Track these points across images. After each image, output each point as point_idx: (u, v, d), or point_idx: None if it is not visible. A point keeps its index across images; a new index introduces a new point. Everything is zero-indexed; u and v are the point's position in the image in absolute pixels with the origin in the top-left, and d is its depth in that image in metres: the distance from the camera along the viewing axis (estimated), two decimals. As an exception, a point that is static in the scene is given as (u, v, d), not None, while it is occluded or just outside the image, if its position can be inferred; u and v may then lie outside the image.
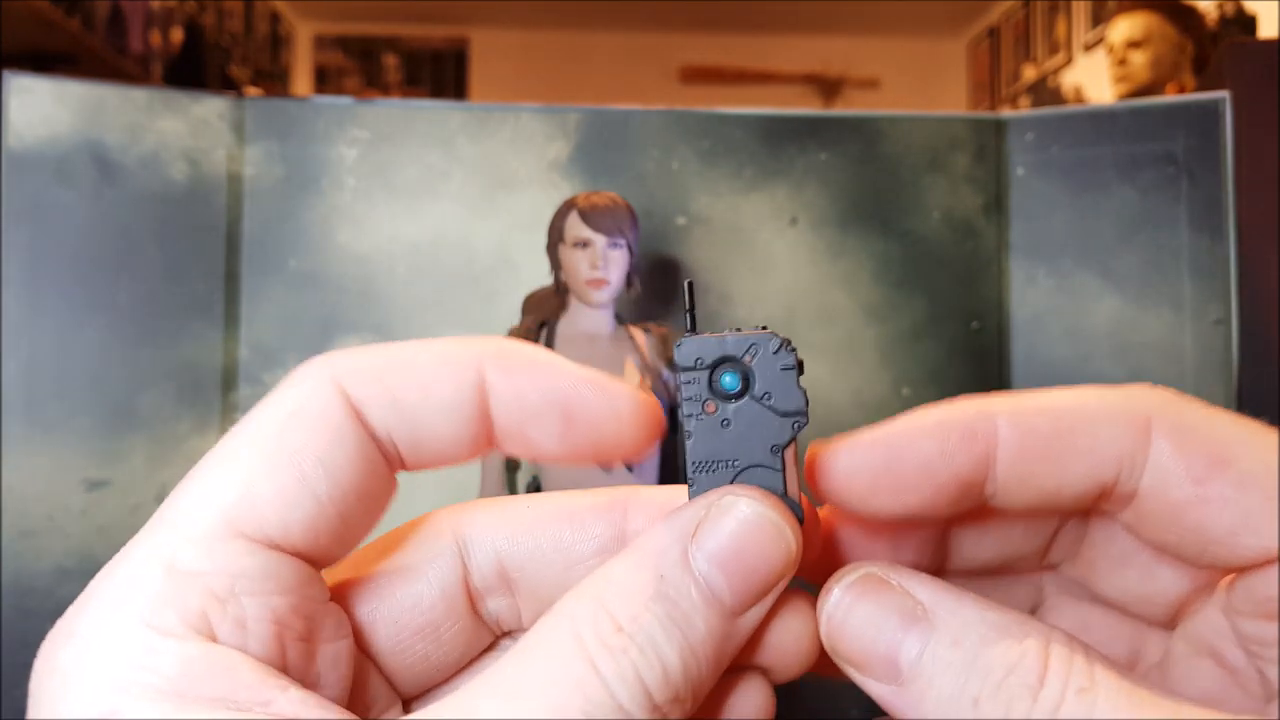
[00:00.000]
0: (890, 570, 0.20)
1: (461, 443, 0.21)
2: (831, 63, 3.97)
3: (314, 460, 0.19)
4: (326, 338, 0.84)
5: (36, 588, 0.78)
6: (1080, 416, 0.20)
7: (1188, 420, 0.20)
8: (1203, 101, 0.84)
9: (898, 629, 0.19)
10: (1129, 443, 0.20)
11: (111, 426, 0.80)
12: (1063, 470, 0.20)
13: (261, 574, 0.18)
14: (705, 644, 0.19)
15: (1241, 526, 0.19)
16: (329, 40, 4.07)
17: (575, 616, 0.18)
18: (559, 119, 0.87)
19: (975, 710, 0.18)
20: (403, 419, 0.20)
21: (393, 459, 0.21)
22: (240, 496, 0.19)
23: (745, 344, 0.22)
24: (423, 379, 0.21)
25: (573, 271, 0.75)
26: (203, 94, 0.84)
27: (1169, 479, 0.20)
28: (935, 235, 0.88)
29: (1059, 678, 0.18)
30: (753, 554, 0.20)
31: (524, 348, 0.22)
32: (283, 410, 0.20)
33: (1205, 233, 0.82)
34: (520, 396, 0.21)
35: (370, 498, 0.20)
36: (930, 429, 0.21)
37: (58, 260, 0.80)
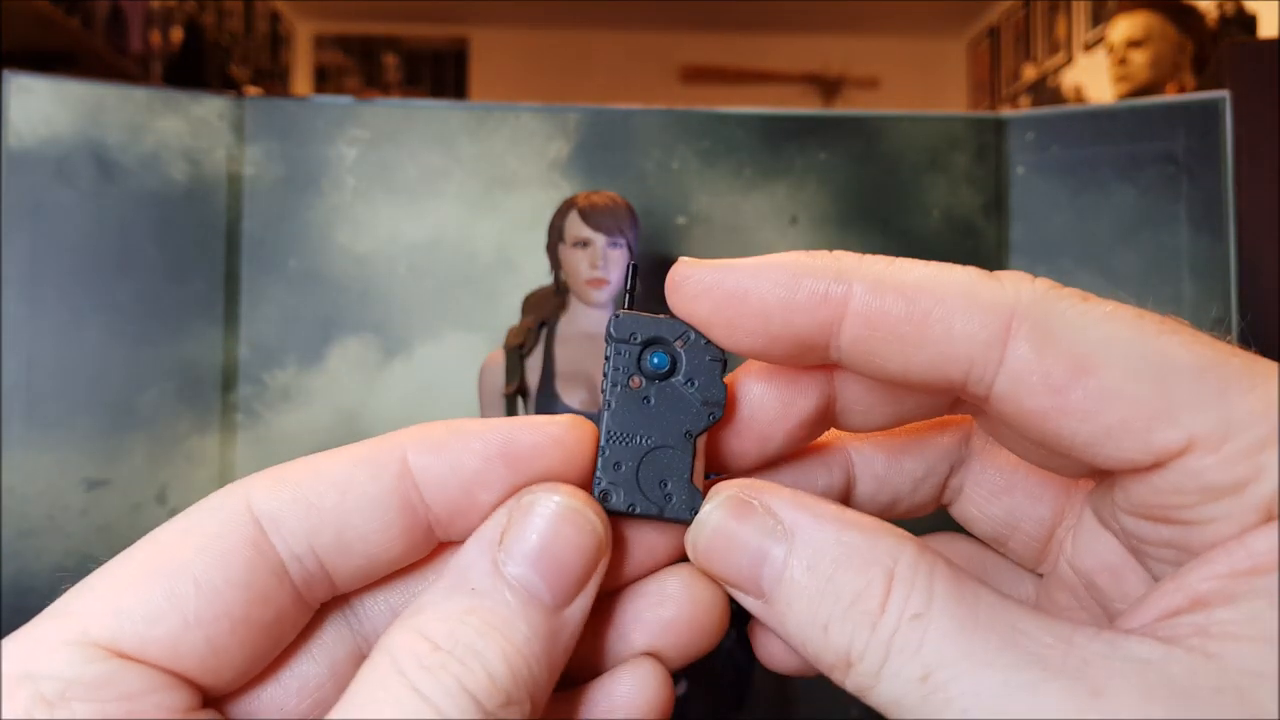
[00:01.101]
0: (755, 490, 0.20)
1: (392, 538, 0.20)
2: (831, 62, 3.97)
3: (188, 578, 0.19)
4: (326, 337, 0.84)
5: (36, 587, 0.78)
6: (937, 303, 0.19)
7: (1053, 319, 0.18)
8: (1203, 101, 0.84)
9: (758, 550, 0.19)
10: (982, 341, 0.19)
11: (111, 426, 0.80)
12: (907, 358, 0.19)
13: (98, 681, 0.18)
14: (531, 643, 0.18)
15: (1103, 439, 0.18)
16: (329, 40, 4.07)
17: (393, 648, 0.18)
18: (559, 119, 0.87)
19: (825, 636, 0.18)
20: (323, 524, 0.20)
21: (311, 580, 0.20)
22: (102, 605, 0.18)
23: (679, 329, 0.22)
24: (339, 478, 0.20)
25: (573, 271, 0.75)
26: (203, 94, 0.84)
27: (1025, 386, 0.18)
28: (935, 234, 0.88)
29: (897, 604, 0.18)
30: (563, 547, 0.19)
31: (443, 423, 0.21)
32: (179, 526, 0.20)
33: (1205, 232, 0.82)
34: (454, 466, 0.20)
35: (258, 624, 0.19)
36: (782, 277, 0.20)
37: (58, 260, 0.80)
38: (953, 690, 0.17)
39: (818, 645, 0.19)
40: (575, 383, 0.74)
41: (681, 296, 0.21)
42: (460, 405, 0.82)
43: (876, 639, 0.18)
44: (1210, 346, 0.18)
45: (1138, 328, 0.19)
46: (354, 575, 0.20)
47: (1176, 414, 0.17)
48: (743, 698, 0.78)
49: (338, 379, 0.83)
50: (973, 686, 0.17)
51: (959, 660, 0.17)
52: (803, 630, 0.19)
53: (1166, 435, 0.18)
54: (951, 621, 0.17)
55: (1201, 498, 0.18)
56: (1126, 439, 0.18)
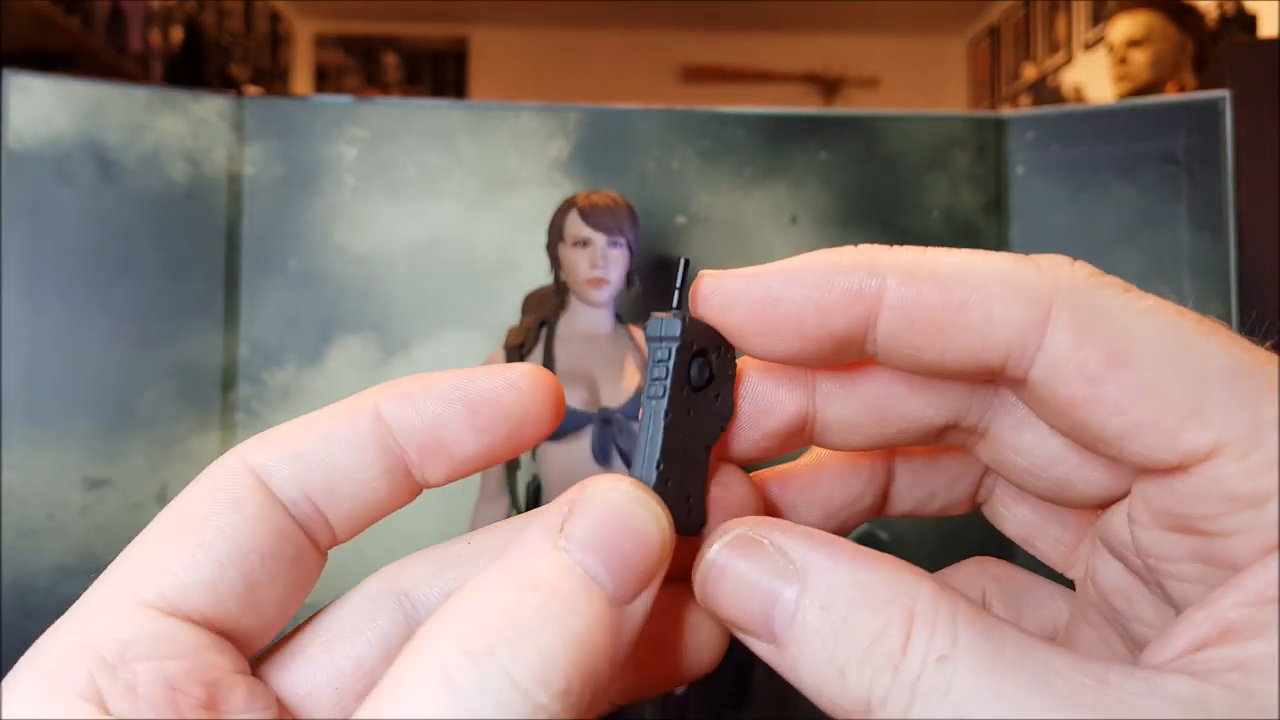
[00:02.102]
0: (764, 528, 0.19)
1: (375, 476, 0.21)
2: (831, 62, 3.97)
3: (213, 529, 0.19)
4: (326, 337, 0.84)
5: (36, 587, 0.78)
6: (975, 290, 0.19)
7: (1094, 307, 0.18)
8: (1203, 100, 0.84)
9: (769, 591, 0.19)
10: (1022, 328, 0.18)
11: (111, 425, 0.80)
12: (945, 347, 0.19)
13: (154, 639, 0.18)
14: (593, 631, 0.17)
15: (1132, 434, 0.18)
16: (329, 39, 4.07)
17: (438, 633, 0.17)
18: (559, 118, 0.87)
19: (843, 680, 0.18)
20: (311, 469, 0.21)
21: (311, 524, 0.21)
22: (144, 566, 0.19)
23: (719, 340, 0.21)
24: (320, 429, 0.21)
25: (573, 270, 0.75)
26: (203, 93, 0.84)
27: (1060, 372, 0.18)
28: (935, 234, 0.88)
29: (920, 647, 0.17)
30: (626, 537, 0.19)
31: (412, 376, 0.22)
32: (188, 492, 0.20)
33: (1205, 232, 0.82)
34: (420, 410, 0.21)
35: (280, 562, 0.20)
36: (814, 278, 0.20)
37: (58, 260, 0.80)
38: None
39: (835, 690, 0.18)
40: (575, 382, 0.74)
41: (711, 308, 0.21)
42: (460, 405, 0.82)
43: (900, 682, 0.17)
44: (1248, 351, 0.18)
45: (1178, 325, 0.18)
46: (346, 517, 0.21)
47: (1206, 416, 0.17)
48: (743, 697, 0.78)
49: (338, 379, 0.83)
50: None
51: (991, 703, 0.16)
52: (818, 674, 0.18)
53: (1194, 436, 0.17)
54: (980, 662, 0.17)
55: (1223, 507, 0.17)
56: (1155, 436, 0.18)
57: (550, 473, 0.76)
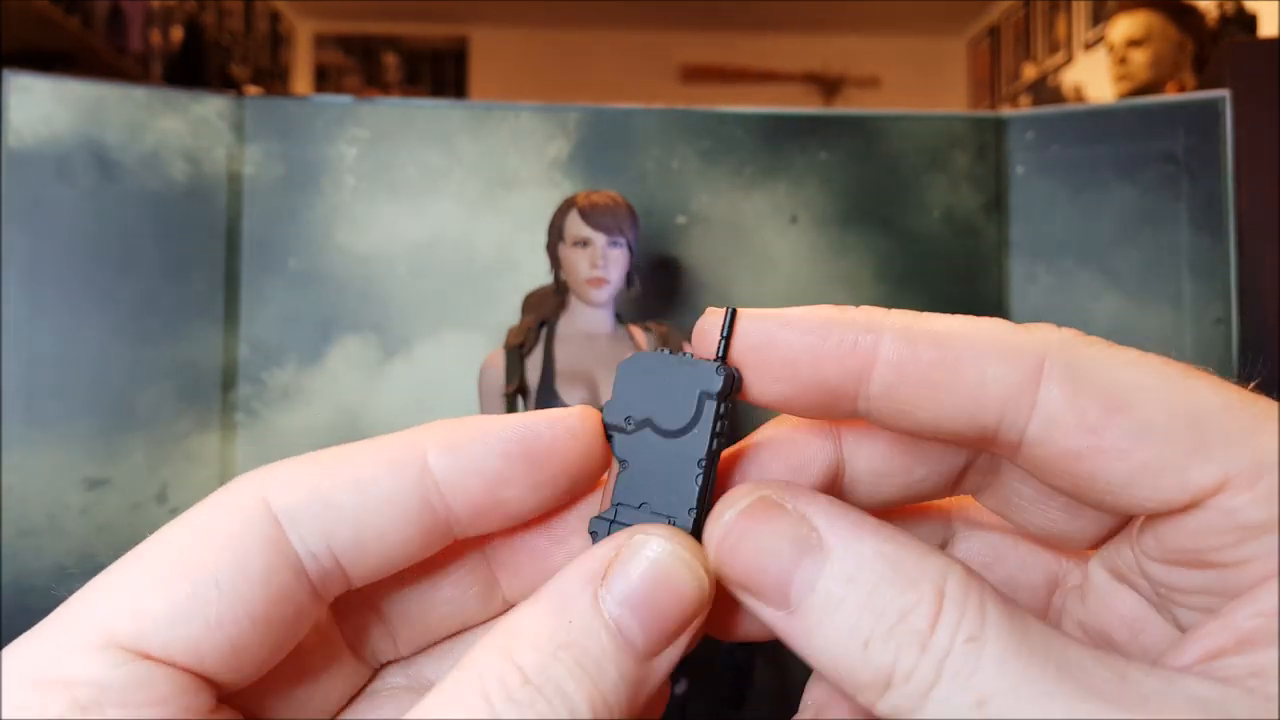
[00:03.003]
0: (786, 493, 0.19)
1: (409, 537, 0.20)
2: (831, 62, 3.97)
3: (209, 579, 0.18)
4: (326, 337, 0.84)
5: (36, 587, 0.78)
6: (968, 349, 0.19)
7: (1084, 363, 0.19)
8: (1203, 100, 0.84)
9: (790, 557, 0.19)
10: (1015, 384, 0.19)
11: (111, 425, 0.80)
12: (939, 405, 0.19)
13: (131, 685, 0.18)
14: (618, 689, 0.18)
15: (1139, 478, 0.18)
16: (329, 39, 4.07)
17: (482, 672, 0.18)
18: (559, 118, 0.87)
19: (865, 653, 0.18)
20: (339, 521, 0.19)
21: (327, 577, 0.20)
22: (124, 607, 0.18)
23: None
24: (357, 475, 0.20)
25: (573, 270, 0.75)
26: (203, 93, 0.84)
27: (1060, 427, 0.18)
28: (936, 234, 0.88)
29: (949, 626, 0.17)
30: (665, 595, 0.19)
31: (462, 421, 0.21)
32: (195, 524, 0.19)
33: (1205, 232, 0.82)
34: (476, 465, 0.20)
35: (277, 622, 0.19)
36: (812, 326, 0.20)
37: (58, 260, 0.80)
38: (1012, 717, 0.16)
39: (853, 662, 0.18)
40: (575, 381, 0.74)
41: (709, 343, 0.21)
42: (460, 404, 0.82)
43: (927, 660, 0.17)
44: (1235, 390, 0.18)
45: (1166, 371, 0.19)
46: (369, 572, 0.20)
47: (1210, 451, 0.18)
48: (743, 696, 0.78)
49: (338, 378, 0.83)
50: (1034, 715, 0.16)
51: (1018, 688, 0.17)
52: (836, 646, 0.18)
53: (1203, 472, 0.18)
54: (1007, 648, 0.17)
55: (1236, 537, 0.18)
56: (1163, 477, 0.18)
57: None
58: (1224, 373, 0.18)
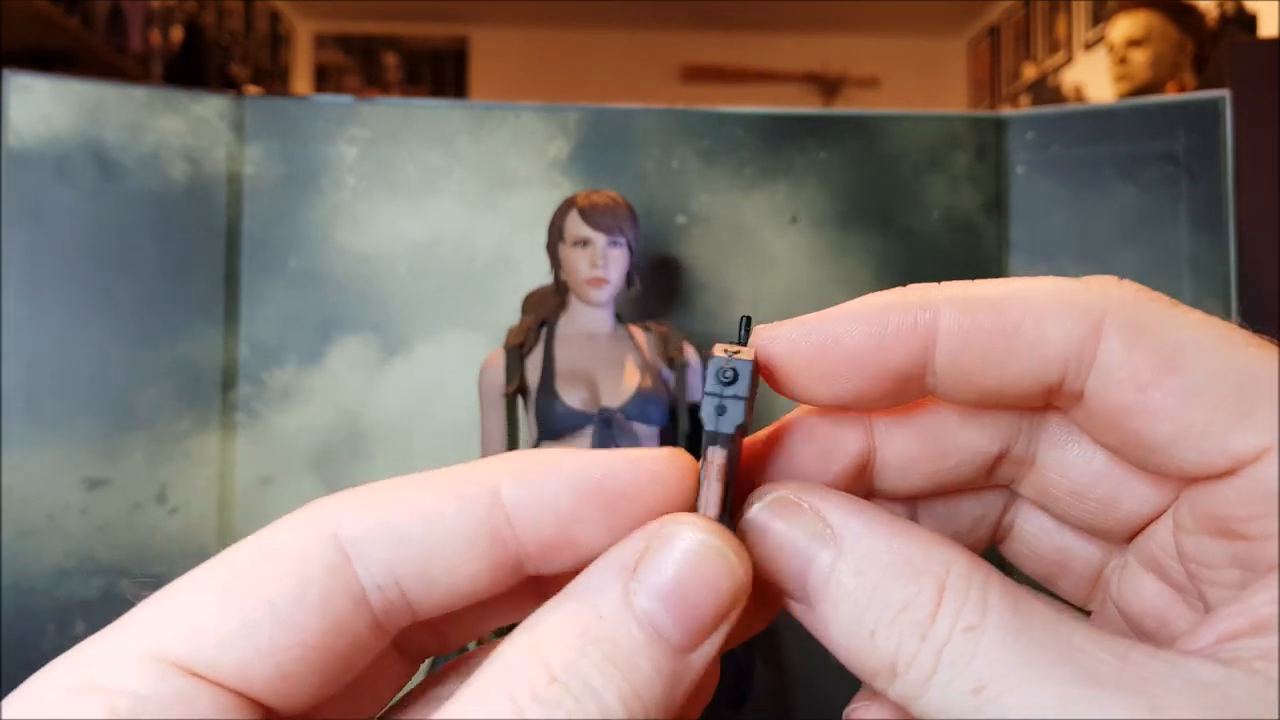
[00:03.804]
0: (804, 492, 0.20)
1: (479, 571, 0.19)
2: (831, 62, 3.97)
3: (265, 603, 0.18)
4: (326, 337, 0.84)
5: (36, 587, 0.78)
6: (1028, 311, 0.19)
7: (1144, 319, 0.19)
8: (1203, 100, 0.84)
9: (806, 552, 0.19)
10: (1078, 341, 0.19)
11: (111, 425, 0.80)
12: (1004, 369, 0.20)
13: (172, 699, 0.17)
14: (652, 685, 0.18)
15: (1182, 439, 0.18)
16: (329, 39, 4.07)
17: (509, 670, 0.17)
18: (559, 118, 0.87)
19: (872, 642, 0.18)
20: (407, 553, 0.19)
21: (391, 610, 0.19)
22: (176, 623, 0.18)
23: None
24: (428, 507, 0.19)
25: (573, 270, 0.75)
26: (203, 93, 0.84)
27: (1113, 381, 0.19)
28: (936, 234, 0.88)
29: (948, 616, 0.18)
30: (699, 587, 0.19)
31: (539, 455, 0.21)
32: (260, 546, 0.19)
33: (1205, 232, 0.82)
34: (550, 502, 0.20)
35: (332, 652, 0.19)
36: (870, 316, 0.20)
37: (58, 260, 0.80)
38: (1007, 702, 0.17)
39: (863, 650, 0.18)
40: (575, 382, 0.74)
41: (773, 360, 0.21)
42: (460, 404, 0.82)
43: (926, 648, 0.18)
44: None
45: (1225, 336, 0.19)
46: (436, 606, 0.20)
47: (1254, 419, 0.18)
48: (743, 697, 0.78)
49: (338, 378, 0.83)
50: (1027, 700, 0.17)
51: (1013, 673, 0.17)
52: (847, 635, 0.19)
53: (1244, 440, 0.18)
54: (1006, 634, 0.17)
55: (1269, 507, 0.18)
56: (1206, 441, 0.18)
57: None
58: None
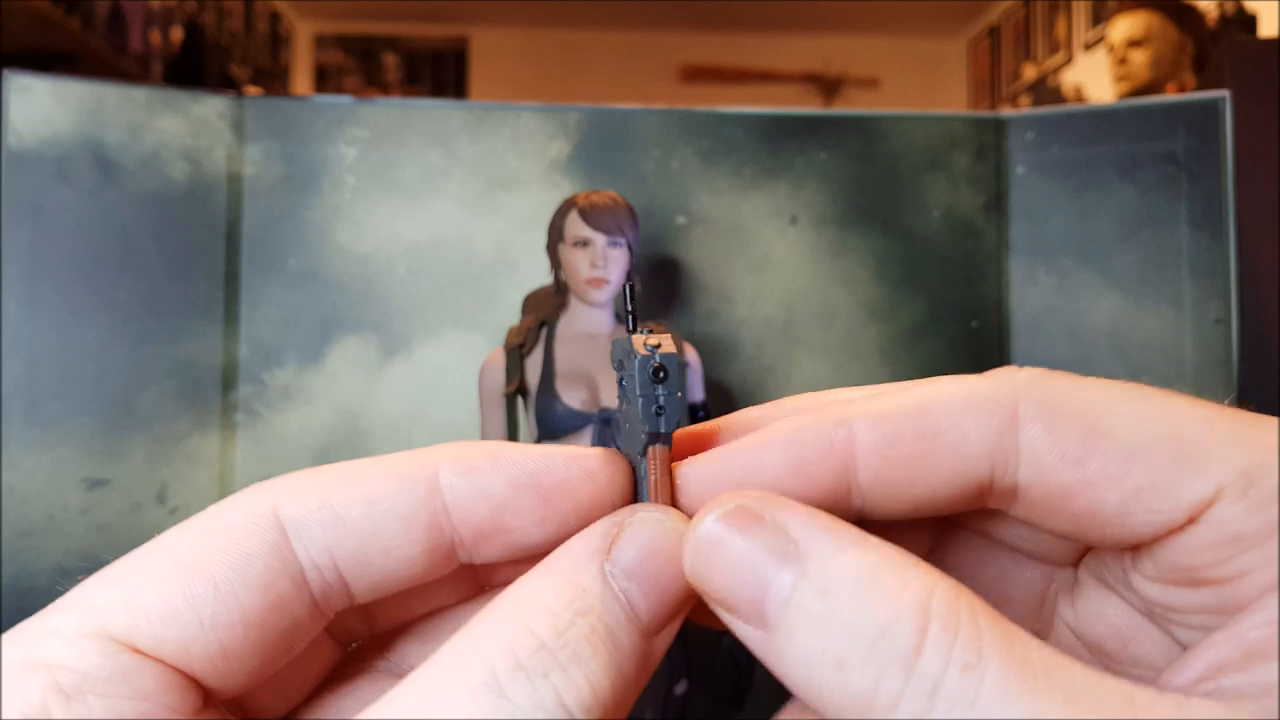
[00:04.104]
0: (767, 503, 0.18)
1: (415, 555, 0.20)
2: (831, 62, 3.97)
3: (207, 580, 0.18)
4: (326, 337, 0.84)
5: (36, 587, 0.78)
6: (942, 412, 0.19)
7: (1056, 397, 0.18)
8: (1203, 101, 0.84)
9: (765, 570, 0.17)
10: (996, 432, 0.18)
11: (112, 425, 0.80)
12: (930, 474, 0.19)
13: (115, 675, 0.17)
14: (631, 662, 0.18)
15: (1132, 504, 0.18)
16: (329, 39, 4.07)
17: (485, 639, 0.17)
18: (559, 118, 0.87)
19: (839, 674, 0.16)
20: (346, 534, 0.19)
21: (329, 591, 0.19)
22: (119, 600, 0.18)
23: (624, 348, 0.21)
24: (368, 490, 0.19)
25: (573, 270, 0.75)
26: (203, 93, 0.84)
27: (1045, 465, 0.18)
28: (935, 234, 0.88)
29: (939, 649, 0.16)
30: (667, 570, 0.19)
31: (478, 445, 0.21)
32: (202, 526, 0.19)
33: (1205, 232, 0.82)
34: (485, 489, 0.20)
35: (273, 631, 0.19)
36: (783, 442, 0.20)
37: (58, 260, 0.80)
38: None
39: (828, 684, 0.17)
40: (575, 382, 0.74)
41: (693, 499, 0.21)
42: (460, 404, 0.82)
43: (916, 686, 0.16)
44: (1212, 406, 0.18)
45: (1138, 394, 0.19)
46: (371, 589, 0.20)
47: (1198, 465, 0.17)
48: (743, 697, 0.78)
49: (338, 379, 0.83)
50: None
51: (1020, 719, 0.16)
52: (808, 665, 0.17)
53: (1194, 488, 0.17)
54: (1009, 676, 0.16)
55: (1232, 550, 0.17)
56: (1157, 498, 0.18)
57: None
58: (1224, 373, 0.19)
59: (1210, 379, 0.79)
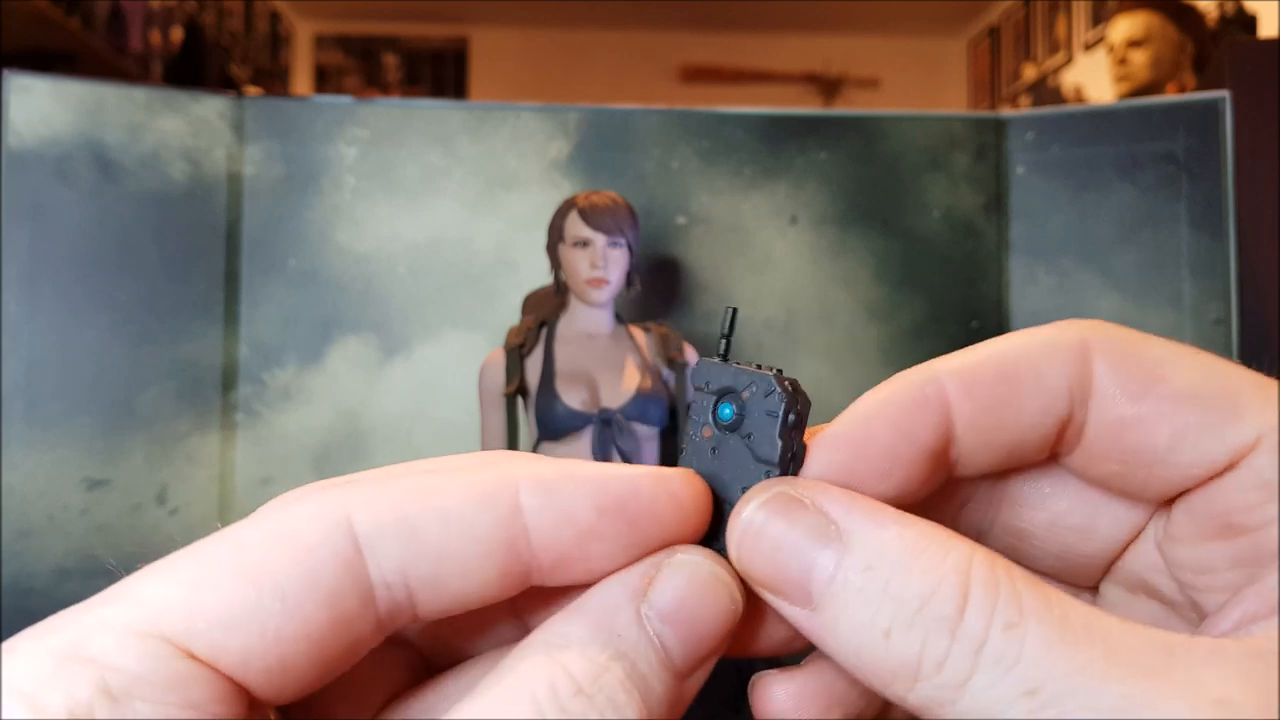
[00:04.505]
0: (805, 487, 0.19)
1: (490, 578, 0.19)
2: (831, 62, 3.97)
3: (275, 589, 0.17)
4: (326, 337, 0.84)
5: (36, 587, 0.78)
6: (1022, 355, 0.20)
7: (1122, 342, 0.20)
8: (1203, 101, 0.84)
9: (809, 550, 0.18)
10: (1074, 369, 0.20)
11: (112, 425, 0.80)
12: (1019, 413, 0.20)
13: (167, 682, 0.17)
14: (662, 707, 0.18)
15: (1179, 442, 0.19)
16: (329, 39, 4.07)
17: (531, 676, 0.17)
18: (559, 118, 0.87)
19: (886, 643, 0.17)
20: (422, 553, 0.18)
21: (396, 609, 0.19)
22: (178, 598, 0.17)
23: (747, 380, 0.21)
24: (446, 505, 0.19)
25: (573, 270, 0.75)
26: (203, 93, 0.84)
27: (1109, 400, 0.19)
28: (935, 234, 0.88)
29: (982, 610, 0.17)
30: (703, 613, 0.19)
31: (556, 463, 0.20)
32: (270, 527, 0.18)
33: (1205, 232, 0.82)
34: (569, 513, 0.19)
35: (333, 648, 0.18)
36: (879, 410, 0.20)
37: (58, 260, 0.80)
38: (1067, 706, 0.16)
39: (876, 654, 0.17)
40: (575, 382, 0.74)
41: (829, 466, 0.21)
42: (460, 404, 0.82)
43: (961, 648, 0.17)
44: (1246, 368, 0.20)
45: (1190, 350, 0.20)
46: (440, 608, 0.19)
47: (1243, 412, 0.19)
48: (743, 697, 0.78)
49: (338, 378, 0.83)
50: (1088, 703, 0.16)
51: (1070, 675, 0.16)
52: (857, 637, 0.18)
53: (1239, 433, 0.18)
54: (1050, 632, 0.17)
55: (1266, 495, 0.18)
56: (1204, 438, 0.19)
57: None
58: None
59: (1210, 379, 0.79)
